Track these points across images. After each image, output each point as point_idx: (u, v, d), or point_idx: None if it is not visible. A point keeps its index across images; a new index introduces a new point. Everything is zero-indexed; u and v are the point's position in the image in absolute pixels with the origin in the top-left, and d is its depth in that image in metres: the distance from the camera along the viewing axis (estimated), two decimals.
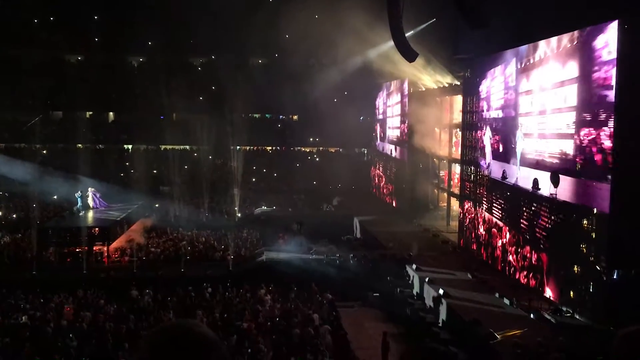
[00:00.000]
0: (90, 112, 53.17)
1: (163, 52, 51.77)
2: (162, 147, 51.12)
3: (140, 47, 52.50)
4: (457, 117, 31.42)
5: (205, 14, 42.25)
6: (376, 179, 45.23)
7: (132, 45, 51.32)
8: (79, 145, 49.77)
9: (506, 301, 19.34)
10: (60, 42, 51.71)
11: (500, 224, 23.19)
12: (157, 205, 36.54)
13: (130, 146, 51.21)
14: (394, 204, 39.15)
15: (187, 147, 51.53)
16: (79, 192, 32.70)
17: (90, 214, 32.00)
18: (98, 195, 33.48)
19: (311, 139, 52.95)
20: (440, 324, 19.51)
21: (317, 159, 52.17)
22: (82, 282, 23.50)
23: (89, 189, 33.14)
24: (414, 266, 23.96)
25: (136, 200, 37.14)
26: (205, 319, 19.02)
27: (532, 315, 17.97)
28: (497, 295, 20.06)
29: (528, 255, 20.63)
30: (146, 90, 51.51)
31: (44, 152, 49.06)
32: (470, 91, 26.68)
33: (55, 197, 38.92)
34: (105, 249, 28.08)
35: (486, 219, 24.52)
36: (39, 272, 24.75)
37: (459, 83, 29.50)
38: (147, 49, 52.97)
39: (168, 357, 1.60)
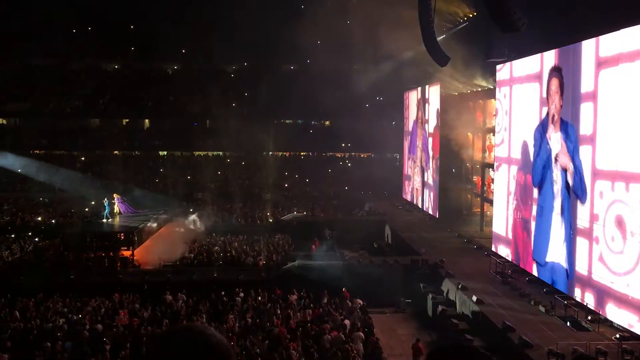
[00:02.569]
0: (127, 120, 54.24)
1: (197, 59, 52.63)
2: (196, 153, 51.81)
3: (175, 55, 53.45)
4: (490, 122, 31.04)
5: (238, 21, 42.74)
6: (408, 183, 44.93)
7: (166, 53, 52.27)
8: (116, 152, 50.88)
9: (542, 308, 18.97)
10: (97, 52, 53.06)
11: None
12: (191, 210, 36.93)
13: (164, 153, 52.04)
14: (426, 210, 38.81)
15: (220, 153, 52.10)
16: (106, 199, 33.29)
17: (117, 219, 32.52)
18: (124, 201, 34.02)
19: (343, 145, 52.99)
20: (473, 331, 19.22)
21: (349, 164, 52.16)
22: (118, 286, 23.93)
23: (114, 195, 33.70)
24: (447, 272, 23.71)
25: (169, 206, 37.64)
26: (237, 324, 19.19)
27: (568, 323, 17.59)
28: (532, 302, 19.69)
29: None
30: (180, 97, 52.43)
31: (82, 158, 50.22)
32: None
33: (92, 202, 39.78)
34: (130, 253, 28.51)
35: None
36: (76, 276, 25.27)
37: (492, 87, 29.14)
38: (181, 56, 53.90)
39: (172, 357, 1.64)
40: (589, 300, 18.10)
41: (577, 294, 18.70)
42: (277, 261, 28.15)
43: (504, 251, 25.32)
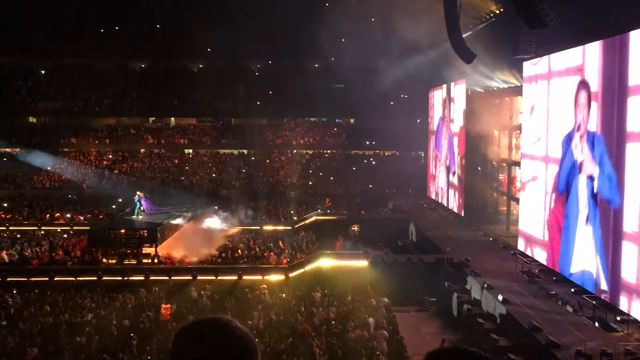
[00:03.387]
0: (153, 118, 54.88)
1: (222, 58, 52.94)
2: (221, 151, 52.19)
3: (200, 54, 53.86)
4: (517, 119, 30.63)
5: (263, 20, 42.89)
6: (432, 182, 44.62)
7: (192, 51, 52.69)
8: (142, 149, 51.54)
9: (569, 308, 18.69)
10: (124, 51, 53.78)
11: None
12: (216, 208, 37.22)
13: (190, 150, 52.54)
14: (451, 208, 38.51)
15: (245, 151, 52.40)
16: (137, 194, 33.68)
17: (140, 216, 32.83)
18: (147, 198, 34.36)
19: (367, 142, 52.85)
20: (498, 330, 19.02)
21: (373, 162, 52.01)
22: (145, 282, 24.25)
23: (137, 193, 34.05)
24: (472, 271, 23.51)
25: (194, 204, 37.95)
26: (261, 320, 19.31)
27: (596, 324, 17.29)
28: (559, 302, 19.41)
29: None
30: (205, 95, 52.86)
31: (110, 156, 50.98)
32: None
33: (119, 200, 40.38)
34: (153, 250, 28.80)
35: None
36: (103, 272, 25.67)
37: (519, 83, 28.75)
38: (206, 55, 54.29)
39: (195, 350, 1.65)
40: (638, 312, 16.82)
41: (624, 303, 17.45)
42: (301, 259, 28.21)
43: (540, 254, 23.82)
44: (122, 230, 29.66)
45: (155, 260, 28.30)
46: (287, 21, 46.33)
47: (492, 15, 32.96)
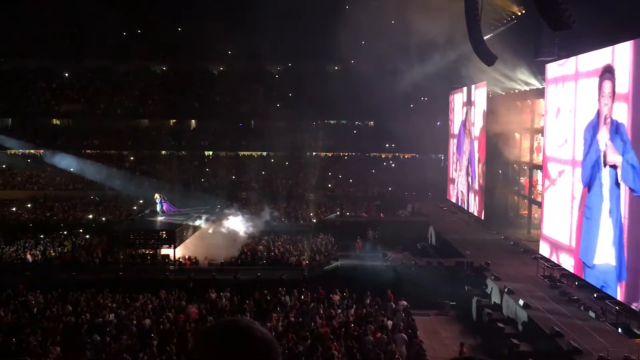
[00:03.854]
0: (174, 120, 55.36)
1: (242, 60, 53.27)
2: (241, 153, 52.44)
3: (220, 56, 54.25)
4: (539, 122, 30.29)
5: (283, 22, 43.05)
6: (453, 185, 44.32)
7: (212, 54, 53.09)
8: (163, 151, 52.00)
9: (592, 314, 18.42)
10: (145, 54, 54.39)
11: None
12: (235, 210, 37.35)
13: (210, 152, 52.86)
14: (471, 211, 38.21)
15: (265, 153, 52.58)
16: (157, 195, 33.99)
17: (159, 217, 33.10)
18: (165, 199, 34.64)
19: (387, 145, 52.72)
20: (519, 336, 18.80)
21: (393, 165, 51.86)
22: (165, 283, 24.45)
23: (156, 194, 34.35)
24: (493, 275, 23.29)
25: (213, 206, 38.19)
26: (280, 322, 19.33)
27: (619, 330, 17.01)
28: (582, 307, 19.14)
29: None
30: (225, 98, 53.21)
31: (131, 158, 51.52)
32: None
33: (141, 201, 40.77)
34: (171, 251, 29.02)
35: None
36: (125, 273, 25.94)
37: (541, 86, 28.44)
38: (226, 57, 54.66)
39: (218, 352, 1.65)
40: None
41: None
42: (320, 261, 28.23)
43: (567, 261, 23.12)
44: (142, 232, 29.92)
45: (174, 261, 28.55)
46: (307, 24, 46.46)
47: (513, 16, 32.65)
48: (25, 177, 47.44)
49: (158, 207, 33.48)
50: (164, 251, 29.36)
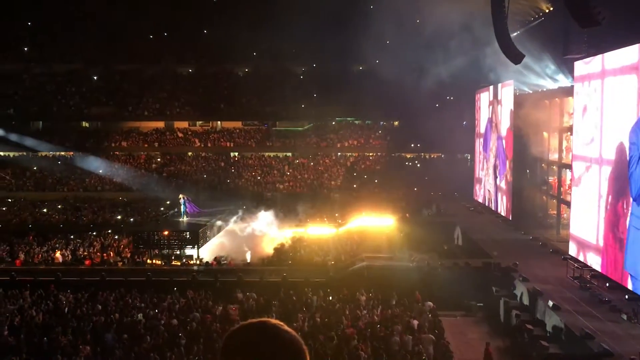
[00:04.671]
0: (200, 121, 55.86)
1: (267, 61, 53.52)
2: (266, 154, 52.67)
3: (245, 58, 54.59)
4: (568, 121, 29.79)
5: (307, 22, 43.11)
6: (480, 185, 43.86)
7: (237, 56, 53.43)
8: (189, 153, 52.54)
9: (623, 316, 18.05)
10: (172, 56, 55.06)
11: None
12: (261, 210, 37.48)
13: (236, 153, 53.20)
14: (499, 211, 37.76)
15: (289, 153, 52.73)
16: (181, 197, 34.33)
17: (182, 218, 33.36)
18: (190, 200, 34.92)
19: (412, 145, 52.42)
20: (549, 337, 18.52)
21: (418, 165, 51.53)
22: (192, 283, 24.68)
23: (181, 196, 34.66)
24: (521, 276, 22.98)
25: (238, 206, 38.40)
26: (306, 323, 19.35)
27: None
28: (613, 309, 18.76)
29: None
30: (251, 99, 53.54)
31: (158, 159, 52.14)
32: None
33: (168, 202, 41.22)
34: (195, 252, 29.22)
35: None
36: (152, 273, 26.25)
37: (569, 84, 27.97)
38: (251, 59, 54.98)
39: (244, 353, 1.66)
40: None
41: None
42: (346, 261, 28.18)
43: (594, 259, 22.90)
44: (166, 232, 30.25)
45: (198, 262, 28.76)
46: (331, 23, 46.46)
47: (541, 14, 32.20)
48: (55, 179, 48.36)
49: (182, 208, 33.75)
50: (188, 251, 29.62)
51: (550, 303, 19.28)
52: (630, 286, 19.92)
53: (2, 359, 16.81)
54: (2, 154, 50.58)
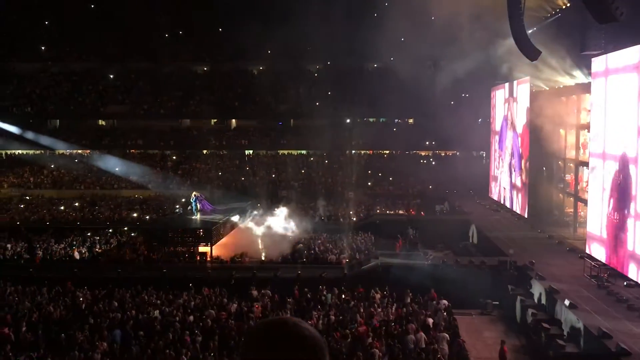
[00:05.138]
0: (215, 120, 56.11)
1: (281, 59, 53.56)
2: (280, 152, 52.76)
3: (260, 56, 54.69)
4: (585, 117, 29.47)
5: (321, 20, 43.10)
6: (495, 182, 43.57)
7: (252, 54, 53.58)
8: (204, 151, 52.79)
9: None
10: (188, 54, 55.32)
11: None
12: (277, 209, 37.55)
13: (250, 151, 53.37)
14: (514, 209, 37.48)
15: (304, 151, 52.77)
16: (193, 195, 34.48)
17: (194, 216, 33.45)
18: (204, 198, 35.05)
19: (427, 142, 52.21)
20: (565, 336, 18.36)
21: (433, 163, 51.32)
22: (207, 280, 24.79)
23: (193, 193, 34.80)
24: (537, 275, 22.79)
25: (252, 204, 38.51)
26: (320, 320, 19.37)
27: None
28: (630, 308, 18.54)
29: None
30: (265, 97, 53.64)
31: (174, 157, 52.45)
32: None
33: (183, 199, 41.47)
34: (208, 249, 29.31)
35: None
36: (168, 271, 26.41)
37: (587, 81, 27.65)
38: (266, 57, 55.06)
39: (267, 351, 1.66)
40: None
41: None
42: (360, 259, 28.17)
43: (598, 250, 23.73)
44: (179, 230, 30.37)
45: (209, 259, 28.82)
46: (346, 21, 46.38)
47: (558, 10, 31.86)
48: (72, 177, 48.86)
49: (193, 206, 33.73)
50: (201, 249, 29.73)
51: (567, 302, 19.11)
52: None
53: (20, 355, 17.03)
54: (20, 152, 51.21)
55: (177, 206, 41.09)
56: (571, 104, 32.21)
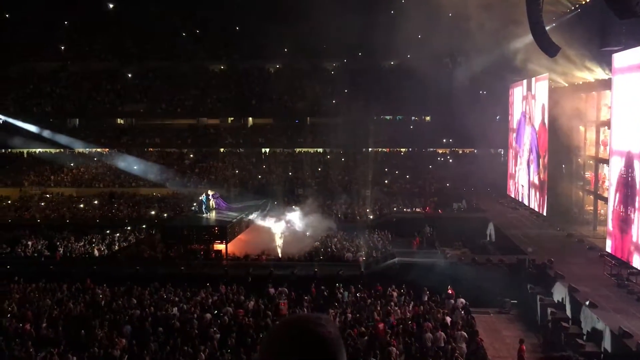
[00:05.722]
0: (232, 118, 56.31)
1: (298, 57, 53.59)
2: (297, 150, 52.80)
3: (277, 54, 54.79)
4: (606, 114, 29.08)
5: (338, 18, 43.02)
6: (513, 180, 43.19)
7: (269, 52, 53.69)
8: (221, 149, 53.03)
9: None
10: (204, 53, 55.59)
11: None
12: (293, 207, 37.59)
13: (267, 149, 53.50)
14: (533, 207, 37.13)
15: (321, 149, 52.77)
16: (203, 194, 34.57)
17: (212, 214, 33.51)
18: (218, 196, 35.14)
19: (444, 140, 51.90)
20: (585, 336, 18.17)
21: (450, 160, 51.02)
22: (224, 278, 24.92)
23: (209, 192, 34.88)
24: (556, 273, 22.56)
25: (268, 202, 38.59)
26: (337, 318, 19.37)
27: None
28: None
29: None
30: (282, 95, 53.71)
31: (191, 156, 52.76)
32: None
33: (200, 197, 41.69)
34: (223, 247, 29.43)
35: None
36: (186, 268, 26.60)
37: (607, 77, 27.26)
38: (282, 55, 55.13)
39: (289, 350, 1.66)
40: None
41: None
42: (377, 257, 28.12)
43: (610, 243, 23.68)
44: (196, 227, 30.49)
45: (225, 256, 28.89)
46: (362, 18, 46.24)
47: (577, 5, 31.47)
48: (92, 175, 49.40)
49: (203, 204, 33.71)
50: (216, 246, 29.79)
51: (587, 301, 18.90)
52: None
53: (41, 351, 17.27)
54: (41, 150, 51.90)
55: (194, 204, 41.31)
56: (591, 101, 31.82)
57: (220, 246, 29.63)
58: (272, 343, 1.70)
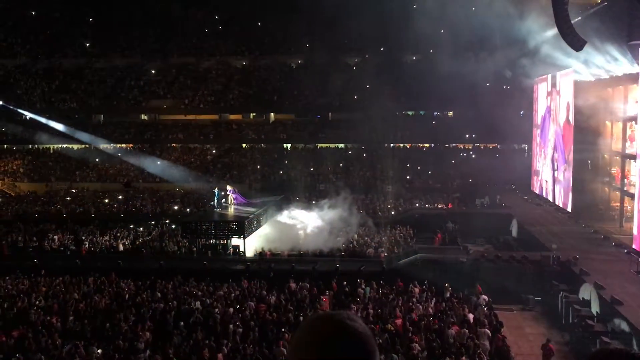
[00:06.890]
0: (254, 114, 56.51)
1: (319, 53, 53.50)
2: (319, 145, 52.76)
3: (298, 49, 54.80)
4: (633, 109, 28.54)
5: (360, 12, 42.87)
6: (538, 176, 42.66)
7: (290, 47, 53.70)
8: (243, 144, 53.28)
9: None
10: (227, 49, 55.84)
11: None
12: (315, 203, 37.59)
13: (288, 145, 53.56)
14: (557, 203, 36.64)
15: (342, 145, 52.68)
16: (216, 188, 34.64)
17: (231, 209, 33.59)
18: (236, 191, 35.22)
19: (467, 136, 51.41)
20: (610, 333, 17.90)
21: (473, 156, 50.54)
22: (246, 273, 25.07)
23: (227, 187, 34.97)
24: (581, 270, 22.26)
25: (288, 197, 38.60)
26: (359, 314, 19.37)
27: None
28: None
29: None
30: (303, 90, 53.71)
31: (213, 151, 53.09)
32: None
33: (222, 192, 41.96)
34: (241, 242, 29.50)
35: None
36: (208, 263, 26.79)
37: (635, 71, 26.75)
38: (304, 50, 55.10)
39: (324, 347, 1.65)
40: None
41: None
42: (399, 253, 28.01)
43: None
44: (213, 222, 30.64)
45: (242, 251, 28.92)
46: (384, 13, 45.98)
47: None
48: (116, 170, 50.02)
49: (216, 199, 33.72)
50: (234, 241, 29.86)
51: (613, 298, 18.61)
52: None
53: (67, 343, 17.57)
54: (66, 146, 52.69)
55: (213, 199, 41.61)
56: (618, 95, 31.26)
57: (238, 241, 29.69)
58: (307, 339, 1.67)
